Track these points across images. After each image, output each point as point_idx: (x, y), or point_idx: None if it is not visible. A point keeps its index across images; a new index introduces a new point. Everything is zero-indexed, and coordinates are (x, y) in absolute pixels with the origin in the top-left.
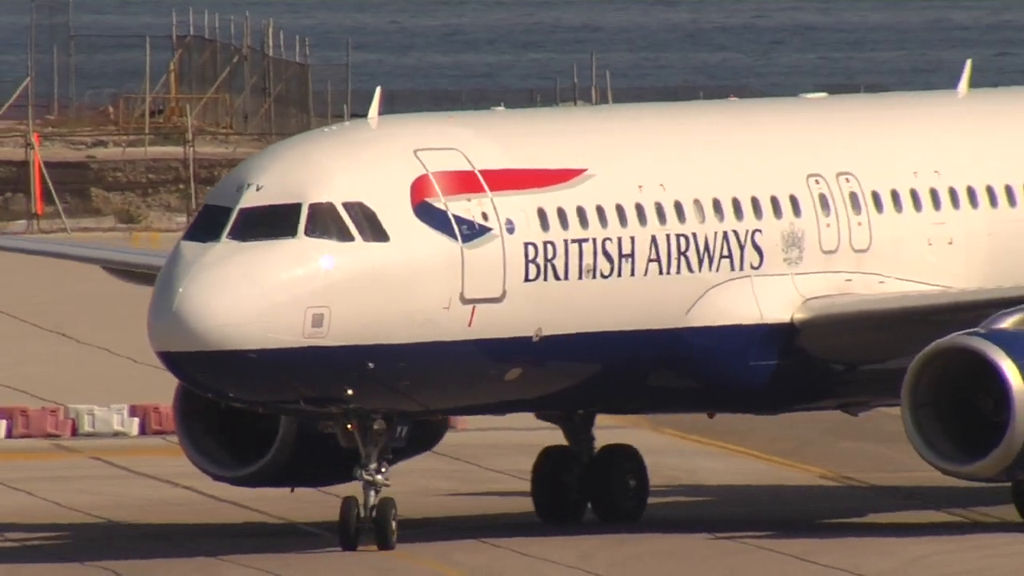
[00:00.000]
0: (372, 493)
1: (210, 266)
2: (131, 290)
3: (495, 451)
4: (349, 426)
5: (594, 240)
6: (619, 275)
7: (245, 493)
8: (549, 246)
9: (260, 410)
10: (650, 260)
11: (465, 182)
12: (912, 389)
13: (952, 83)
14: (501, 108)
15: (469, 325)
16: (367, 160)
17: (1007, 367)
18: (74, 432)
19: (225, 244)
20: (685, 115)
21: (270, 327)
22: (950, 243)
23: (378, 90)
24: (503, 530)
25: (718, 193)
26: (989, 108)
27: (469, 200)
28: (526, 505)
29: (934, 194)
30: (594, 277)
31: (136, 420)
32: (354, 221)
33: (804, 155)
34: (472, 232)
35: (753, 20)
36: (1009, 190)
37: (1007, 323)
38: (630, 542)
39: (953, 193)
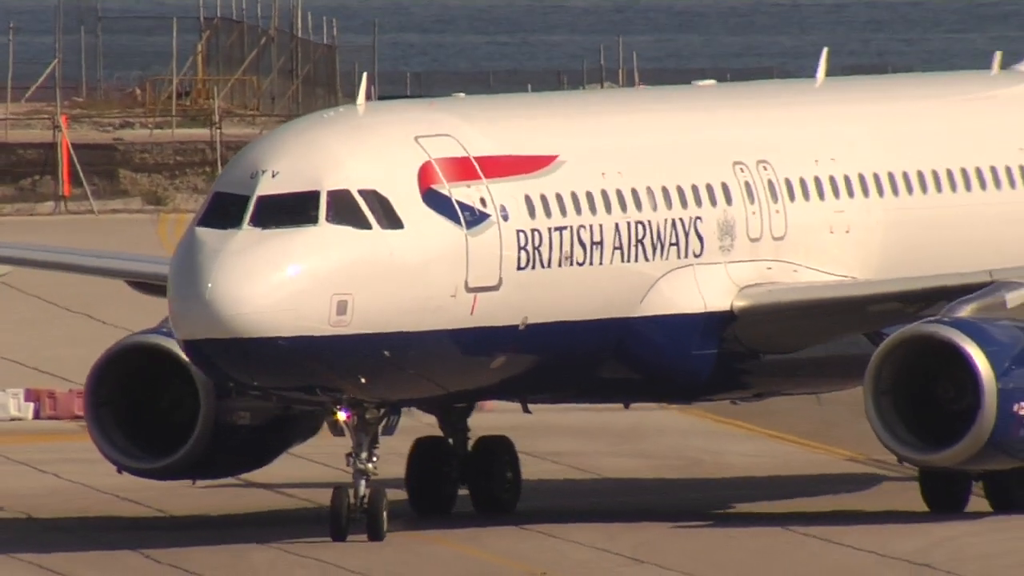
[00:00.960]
0: (363, 482)
1: (238, 253)
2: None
3: None
4: (344, 416)
5: (571, 228)
6: (591, 263)
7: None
8: (536, 234)
9: (272, 399)
10: (615, 248)
11: (463, 169)
12: (875, 376)
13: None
14: (462, 95)
15: (471, 313)
16: (375, 147)
17: (976, 355)
18: None
19: (248, 231)
20: (643, 101)
21: (299, 314)
22: (847, 231)
23: (364, 76)
24: (530, 514)
25: (666, 181)
26: (866, 95)
27: (468, 187)
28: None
29: (833, 182)
30: (571, 265)
31: None
32: (371, 208)
33: (729, 143)
34: (474, 219)
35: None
36: (906, 177)
37: (967, 311)
38: (655, 525)
39: (848, 181)
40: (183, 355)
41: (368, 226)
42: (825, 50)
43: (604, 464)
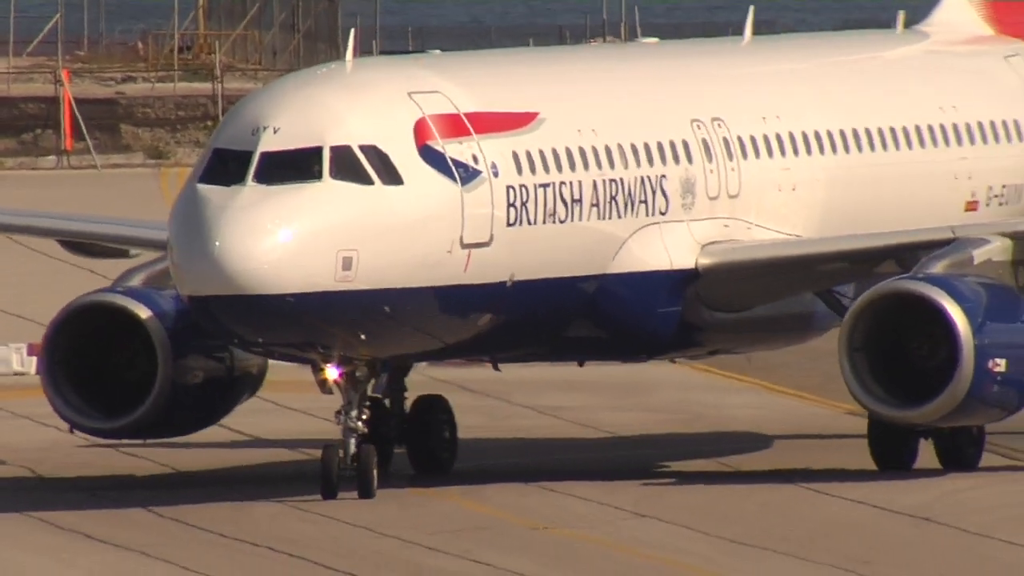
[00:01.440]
0: (352, 441)
1: (245, 209)
2: (166, 219)
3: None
4: (336, 374)
5: (554, 185)
6: (572, 220)
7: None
8: (523, 190)
9: (274, 356)
10: (592, 205)
11: (455, 125)
12: (850, 333)
13: None
14: (437, 52)
15: (465, 270)
16: (373, 103)
17: (953, 311)
18: None
19: (253, 188)
20: (609, 58)
21: (307, 271)
22: (794, 189)
23: (352, 32)
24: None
25: (635, 139)
26: (796, 54)
27: (461, 143)
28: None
29: (779, 140)
30: (555, 223)
31: None
32: (372, 164)
33: (686, 100)
34: (467, 175)
35: None
36: (843, 135)
37: (939, 268)
38: (658, 480)
39: (793, 139)
40: (140, 313)
41: (370, 182)
42: (751, 8)
43: (605, 419)
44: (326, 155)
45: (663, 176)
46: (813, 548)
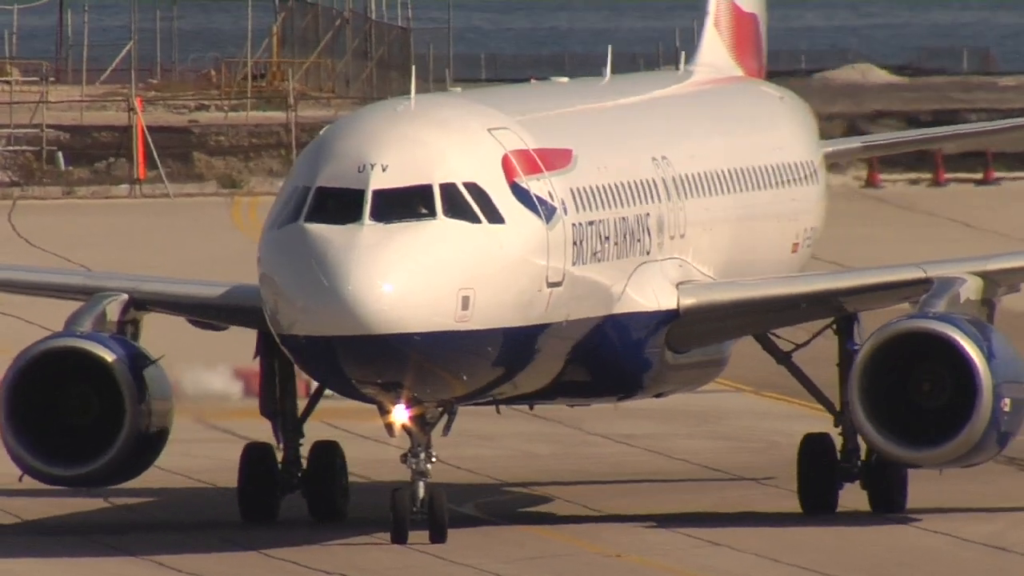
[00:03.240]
0: (422, 484)
1: (371, 248)
2: (238, 248)
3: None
4: (406, 417)
5: (596, 223)
6: (606, 259)
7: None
8: (579, 228)
9: (388, 400)
10: (614, 244)
11: (530, 162)
12: (863, 374)
13: None
14: (458, 89)
15: (546, 310)
16: (466, 139)
17: (974, 353)
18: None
19: (372, 226)
20: (590, 94)
21: (432, 310)
22: (712, 229)
23: (413, 69)
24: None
25: (630, 176)
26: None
27: (538, 180)
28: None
29: (702, 179)
30: (596, 262)
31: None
32: (476, 202)
33: (647, 137)
34: (548, 213)
35: None
36: (713, 178)
37: (941, 307)
38: (732, 508)
39: (707, 179)
40: (106, 357)
41: (478, 220)
42: (610, 47)
43: (678, 446)
44: (436, 193)
45: (647, 214)
46: None
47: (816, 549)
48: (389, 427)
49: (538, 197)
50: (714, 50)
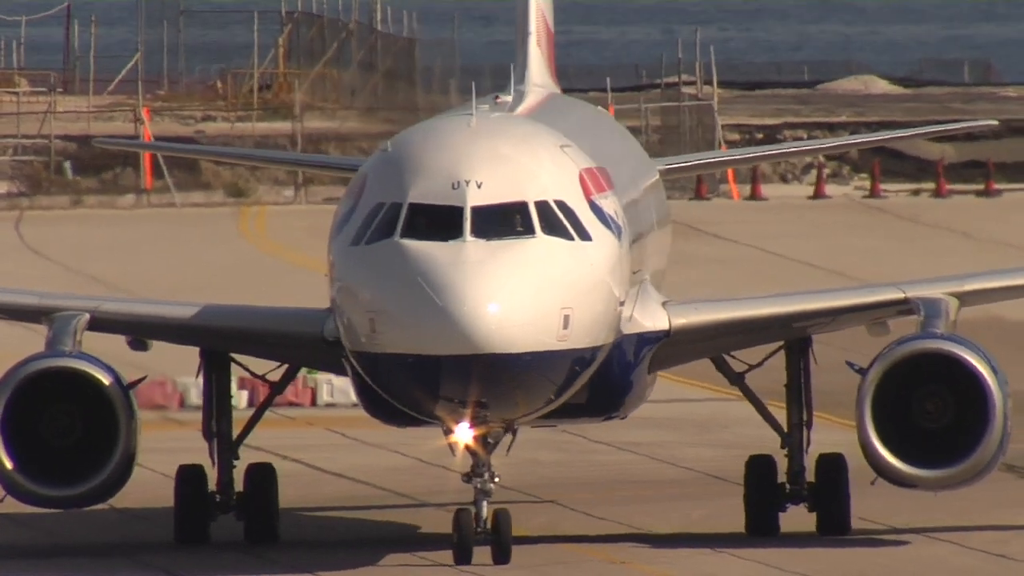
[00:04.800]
0: (485, 503)
1: (477, 265)
2: (245, 257)
3: None
4: (471, 436)
5: (634, 242)
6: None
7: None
8: (631, 247)
9: (468, 419)
10: (630, 263)
11: (597, 179)
12: (876, 395)
13: None
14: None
15: (617, 328)
16: (548, 157)
17: (987, 374)
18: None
19: (474, 243)
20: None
21: (539, 328)
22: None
23: (472, 85)
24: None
25: (630, 196)
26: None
27: (606, 198)
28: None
29: (639, 196)
30: (632, 280)
31: None
32: (567, 220)
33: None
34: (617, 231)
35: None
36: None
37: (942, 327)
38: (736, 514)
39: (640, 196)
40: (103, 379)
41: (571, 237)
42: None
43: (684, 454)
44: (532, 210)
45: (642, 234)
46: None
47: (820, 558)
48: (452, 447)
49: (610, 215)
50: (540, 69)
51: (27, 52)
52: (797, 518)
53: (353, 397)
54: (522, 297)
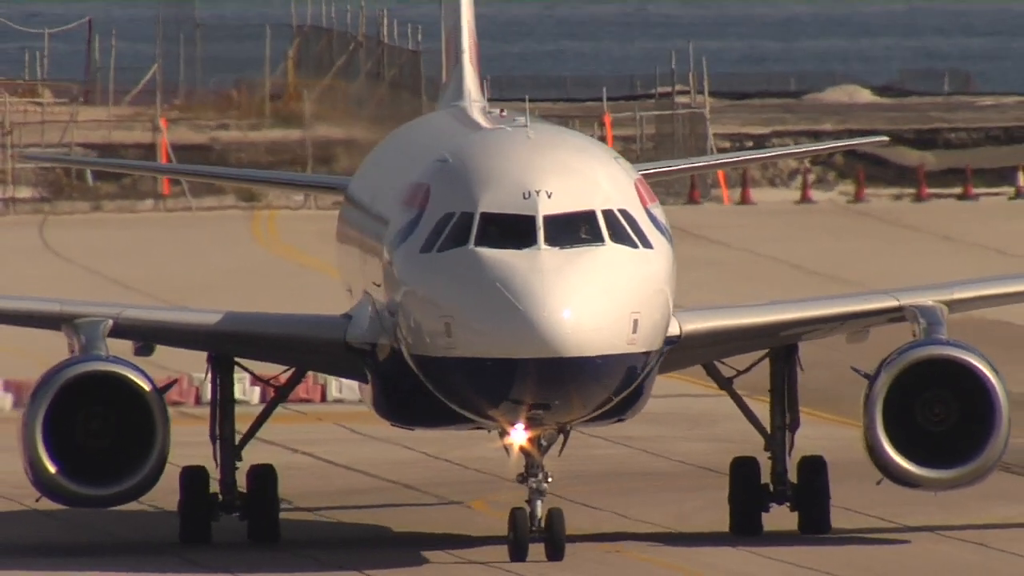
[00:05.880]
0: (539, 502)
1: (554, 272)
2: (257, 259)
3: None
4: (525, 438)
5: None
6: None
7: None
8: None
9: (530, 422)
10: None
11: (648, 189)
12: (886, 399)
13: None
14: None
15: (668, 332)
16: (608, 167)
17: (994, 379)
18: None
19: (549, 251)
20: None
21: (611, 332)
22: None
23: (526, 101)
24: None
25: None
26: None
27: (657, 207)
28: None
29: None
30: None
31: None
32: (630, 228)
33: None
34: (670, 239)
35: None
36: None
37: (944, 334)
38: (726, 505)
39: None
40: (143, 384)
41: (635, 245)
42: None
43: (676, 448)
44: (600, 219)
45: None
46: None
47: (814, 553)
48: (507, 448)
49: (662, 224)
50: (475, 84)
51: (51, 65)
52: (778, 516)
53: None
54: (598, 302)
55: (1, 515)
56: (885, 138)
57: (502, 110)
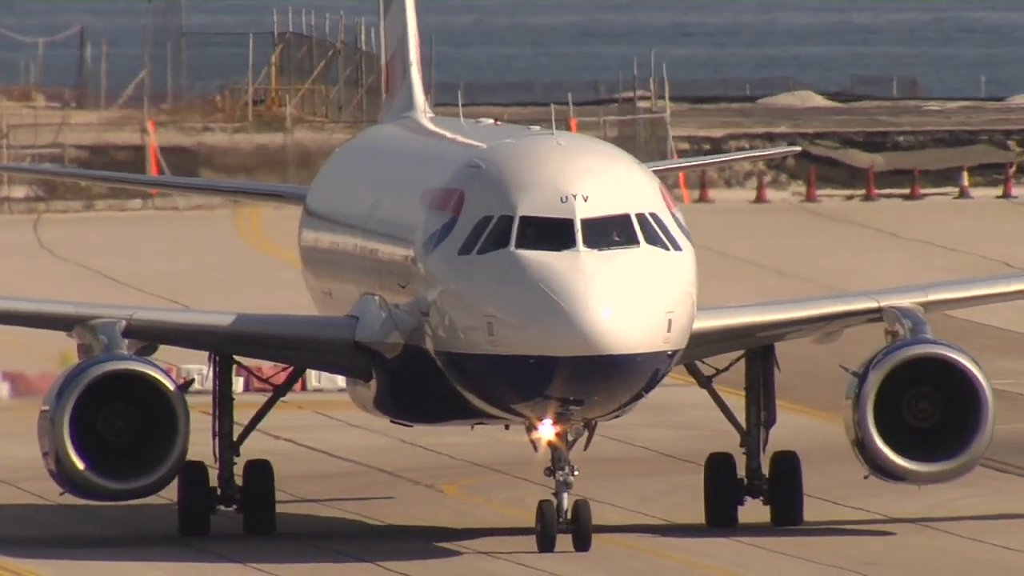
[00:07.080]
0: (566, 495)
1: (595, 273)
2: (241, 255)
3: None
4: (553, 432)
5: None
6: None
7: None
8: None
9: (562, 418)
10: None
11: (670, 193)
12: (879, 396)
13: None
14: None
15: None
16: (637, 172)
17: (981, 376)
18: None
19: (587, 252)
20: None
21: (650, 331)
22: None
23: (551, 110)
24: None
25: None
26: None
27: (679, 211)
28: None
29: None
30: None
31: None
32: (661, 231)
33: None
34: (692, 243)
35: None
36: None
37: (930, 333)
38: (690, 492)
39: None
40: (168, 384)
41: (667, 247)
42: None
43: (639, 435)
44: (634, 222)
45: None
46: None
47: (814, 547)
48: (535, 443)
49: (685, 227)
50: (422, 95)
51: (44, 70)
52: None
53: (339, 383)
54: (637, 302)
55: None
56: (797, 148)
57: (496, 120)
